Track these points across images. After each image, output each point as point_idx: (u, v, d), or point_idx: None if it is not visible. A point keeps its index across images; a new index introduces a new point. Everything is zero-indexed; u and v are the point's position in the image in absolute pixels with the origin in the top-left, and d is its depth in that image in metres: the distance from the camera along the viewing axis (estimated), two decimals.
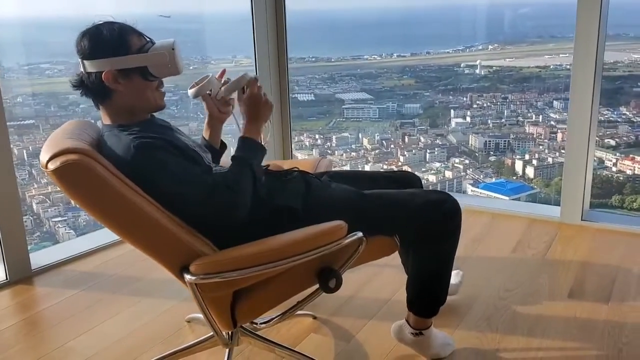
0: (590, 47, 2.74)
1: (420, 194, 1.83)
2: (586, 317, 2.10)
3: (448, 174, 4.92)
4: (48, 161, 1.32)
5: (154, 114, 1.68)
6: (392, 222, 1.75)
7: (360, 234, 1.55)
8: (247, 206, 1.50)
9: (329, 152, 5.19)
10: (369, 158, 5.13)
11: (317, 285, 1.59)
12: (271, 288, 1.56)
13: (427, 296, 1.82)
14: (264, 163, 1.69)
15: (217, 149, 1.90)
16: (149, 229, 1.40)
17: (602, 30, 2.73)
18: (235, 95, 1.72)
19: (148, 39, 1.57)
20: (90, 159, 1.33)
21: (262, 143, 1.64)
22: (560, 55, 4.81)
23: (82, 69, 1.55)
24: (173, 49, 1.53)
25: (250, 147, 1.60)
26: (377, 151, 5.19)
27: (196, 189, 1.46)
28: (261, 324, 1.82)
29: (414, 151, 5.10)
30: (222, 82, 1.76)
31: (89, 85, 1.55)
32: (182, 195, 1.45)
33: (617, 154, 4.34)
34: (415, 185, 2.01)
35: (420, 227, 1.73)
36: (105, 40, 1.52)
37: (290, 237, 1.50)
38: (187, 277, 1.41)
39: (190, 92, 1.70)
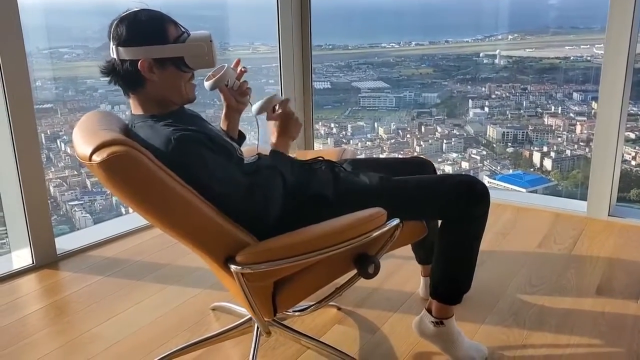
0: (623, 39, 2.68)
1: (450, 178, 1.87)
2: (615, 314, 2.08)
3: (465, 164, 4.89)
4: (92, 153, 1.29)
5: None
6: (425, 206, 1.77)
7: (397, 220, 1.57)
8: (277, 211, 1.53)
9: (344, 141, 5.17)
10: (385, 148, 5.11)
11: (353, 273, 1.61)
12: (310, 275, 1.56)
13: (452, 281, 1.81)
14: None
15: (236, 139, 1.89)
16: (196, 220, 1.39)
17: (636, 21, 2.67)
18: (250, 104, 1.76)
19: (184, 29, 1.54)
20: (135, 150, 1.31)
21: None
22: (581, 46, 4.75)
23: (114, 56, 1.51)
24: (211, 41, 1.51)
25: (280, 159, 1.64)
26: (392, 141, 5.17)
27: (233, 189, 1.47)
28: (296, 312, 1.81)
29: (430, 141, 5.07)
30: (238, 71, 1.75)
31: (121, 73, 1.51)
32: (220, 191, 1.45)
33: (637, 148, 4.29)
34: (428, 170, 2.02)
35: (452, 210, 1.74)
36: (144, 27, 1.49)
37: (334, 224, 1.50)
38: (233, 267, 1.40)
39: (207, 84, 1.67)
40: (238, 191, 1.48)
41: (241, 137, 1.91)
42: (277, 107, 1.69)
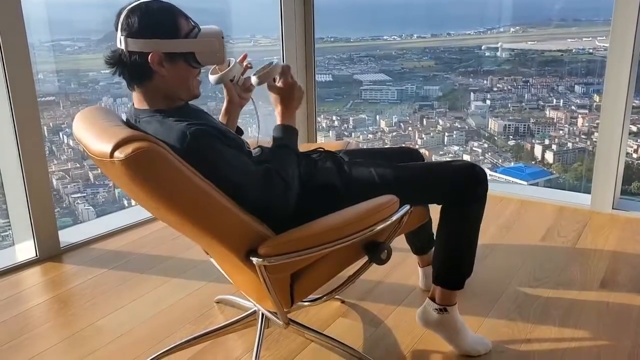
0: (628, 31, 2.67)
1: (449, 163, 1.90)
2: (619, 307, 2.08)
3: (466, 157, 4.89)
4: (114, 150, 1.25)
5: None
6: (430, 190, 1.81)
7: (408, 206, 1.60)
8: (296, 190, 1.53)
9: (346, 134, 5.17)
10: (386, 140, 5.11)
11: (363, 261, 1.64)
12: (324, 265, 1.57)
13: (455, 267, 1.82)
14: None
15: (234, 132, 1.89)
16: (220, 215, 1.38)
17: None
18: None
19: (194, 24, 1.51)
20: (159, 146, 1.28)
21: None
22: (584, 39, 4.73)
23: (122, 46, 1.46)
24: (222, 37, 1.50)
25: (289, 134, 1.62)
26: (394, 134, 5.16)
27: (252, 178, 1.46)
28: (310, 302, 1.81)
29: (432, 134, 5.07)
30: (244, 66, 1.72)
31: (128, 64, 1.47)
32: (239, 184, 1.44)
33: (639, 141, 4.28)
34: (417, 159, 2.04)
35: (454, 193, 1.77)
36: (156, 20, 1.45)
37: (352, 213, 1.52)
38: (255, 260, 1.40)
39: (213, 78, 1.65)
40: (256, 181, 1.46)
41: (239, 133, 1.90)
42: (278, 78, 1.64)
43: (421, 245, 2.19)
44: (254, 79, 1.64)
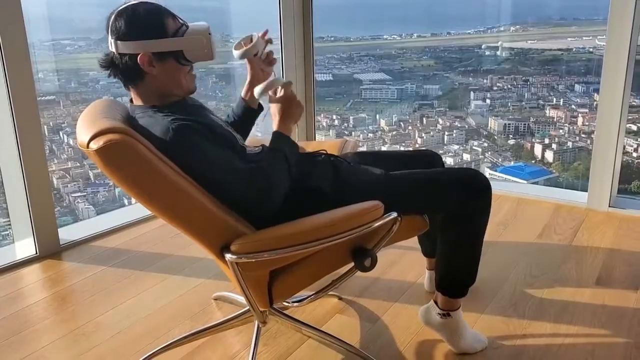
0: (624, 30, 2.68)
1: (450, 172, 1.85)
2: (614, 304, 2.09)
3: (466, 156, 4.89)
4: (89, 141, 1.31)
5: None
6: (424, 200, 1.75)
7: (394, 214, 1.56)
8: (281, 198, 1.51)
9: (346, 132, 5.17)
10: (386, 139, 5.11)
11: (350, 265, 1.61)
12: (307, 267, 1.57)
13: (457, 276, 1.80)
14: None
15: (255, 109, 1.90)
16: (191, 209, 1.41)
17: (637, 12, 2.66)
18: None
19: (182, 22, 1.54)
20: (132, 138, 1.33)
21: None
22: (584, 38, 4.73)
23: (113, 49, 1.51)
24: (209, 34, 1.52)
25: (284, 142, 1.61)
26: (394, 133, 5.16)
27: (232, 176, 1.47)
28: (294, 302, 1.82)
29: (431, 133, 5.07)
30: (266, 40, 1.75)
31: (120, 67, 1.52)
32: (219, 180, 1.46)
33: (639, 140, 4.28)
34: (437, 164, 2.00)
35: (452, 204, 1.73)
36: (142, 22, 1.49)
37: (329, 216, 1.50)
38: (228, 256, 1.41)
39: (236, 53, 1.68)
40: (237, 179, 1.46)
41: (260, 109, 1.92)
42: (279, 90, 1.66)
43: (430, 248, 2.16)
44: (256, 90, 1.66)
